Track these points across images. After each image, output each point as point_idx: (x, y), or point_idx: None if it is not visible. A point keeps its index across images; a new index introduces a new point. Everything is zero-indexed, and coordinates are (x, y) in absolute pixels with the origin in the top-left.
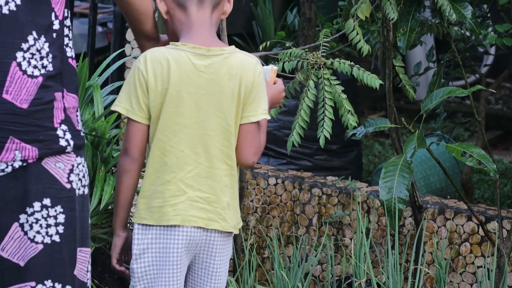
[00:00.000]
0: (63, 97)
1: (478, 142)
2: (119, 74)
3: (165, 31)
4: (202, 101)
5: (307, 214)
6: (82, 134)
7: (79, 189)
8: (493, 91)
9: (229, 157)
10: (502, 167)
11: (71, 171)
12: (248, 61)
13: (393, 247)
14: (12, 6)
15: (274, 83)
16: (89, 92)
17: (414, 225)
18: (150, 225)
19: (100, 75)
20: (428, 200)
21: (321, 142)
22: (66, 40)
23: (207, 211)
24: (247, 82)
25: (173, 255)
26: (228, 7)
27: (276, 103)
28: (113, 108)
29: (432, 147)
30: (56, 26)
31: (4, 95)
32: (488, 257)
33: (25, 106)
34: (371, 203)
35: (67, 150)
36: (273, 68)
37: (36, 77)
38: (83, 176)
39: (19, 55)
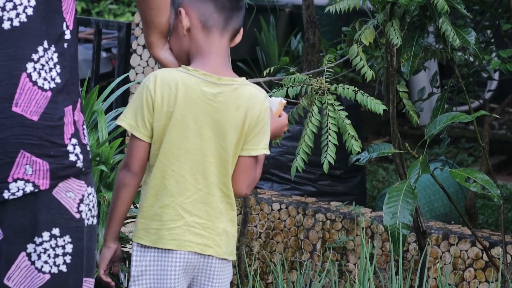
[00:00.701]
0: (73, 108)
1: (482, 167)
2: (123, 100)
3: None
4: (206, 128)
5: (311, 240)
6: (88, 148)
7: (88, 219)
8: (497, 116)
9: (225, 185)
10: (506, 192)
11: (81, 201)
12: (257, 95)
13: (397, 273)
14: (23, 17)
15: (279, 116)
16: (94, 117)
17: (418, 250)
18: (148, 247)
19: (104, 100)
20: (432, 225)
21: (325, 167)
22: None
23: (203, 237)
24: (253, 115)
25: (170, 278)
26: (239, 38)
27: (277, 136)
28: (118, 122)
29: (436, 172)
30: (67, 36)
31: (14, 108)
32: (492, 282)
33: (35, 118)
34: (375, 229)
35: (77, 165)
36: (281, 102)
37: (46, 90)
38: (93, 207)
39: (30, 65)
